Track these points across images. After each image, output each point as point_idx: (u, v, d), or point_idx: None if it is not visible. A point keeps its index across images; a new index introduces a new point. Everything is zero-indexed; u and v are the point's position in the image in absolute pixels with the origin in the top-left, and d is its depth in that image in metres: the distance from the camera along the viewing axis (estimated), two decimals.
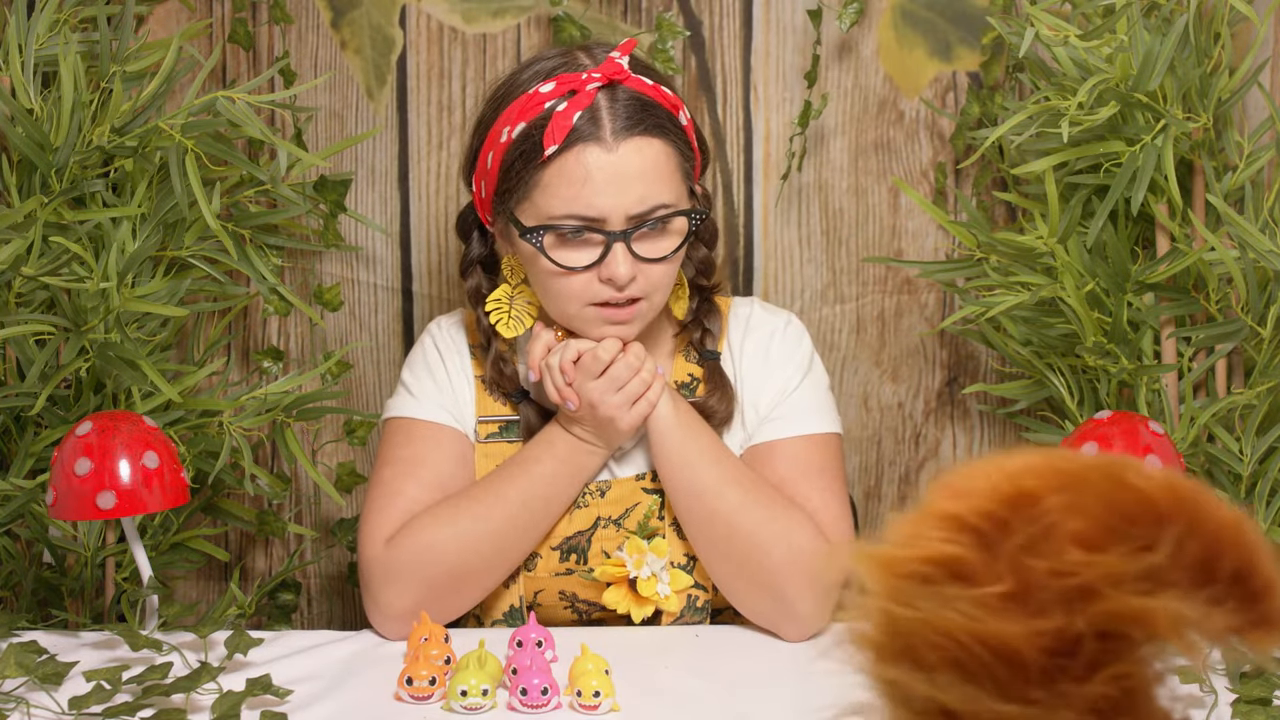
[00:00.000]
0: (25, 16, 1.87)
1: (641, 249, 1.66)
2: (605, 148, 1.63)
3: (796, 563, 1.66)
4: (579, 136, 1.63)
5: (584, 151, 1.63)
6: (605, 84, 1.65)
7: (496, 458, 1.76)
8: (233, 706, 1.44)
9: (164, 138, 1.85)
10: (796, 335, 1.82)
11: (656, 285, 1.69)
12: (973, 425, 2.19)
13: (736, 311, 1.84)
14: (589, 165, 1.63)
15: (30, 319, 1.83)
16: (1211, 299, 1.89)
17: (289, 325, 2.16)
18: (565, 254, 1.66)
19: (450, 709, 1.48)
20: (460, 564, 1.68)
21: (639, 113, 1.65)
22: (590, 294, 1.67)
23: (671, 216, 1.67)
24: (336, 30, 2.11)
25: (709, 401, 1.77)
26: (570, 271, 1.66)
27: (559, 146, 1.63)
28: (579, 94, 1.64)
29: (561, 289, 1.67)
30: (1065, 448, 1.72)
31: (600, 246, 1.65)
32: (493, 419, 1.79)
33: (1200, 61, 1.84)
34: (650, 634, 1.69)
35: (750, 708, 1.49)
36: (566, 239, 1.66)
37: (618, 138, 1.64)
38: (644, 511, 1.74)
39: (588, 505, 1.76)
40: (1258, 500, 1.86)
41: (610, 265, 1.64)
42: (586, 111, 1.64)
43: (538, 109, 1.66)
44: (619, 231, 1.64)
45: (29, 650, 1.53)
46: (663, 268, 1.68)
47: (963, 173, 2.13)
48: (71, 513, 1.67)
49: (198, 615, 1.81)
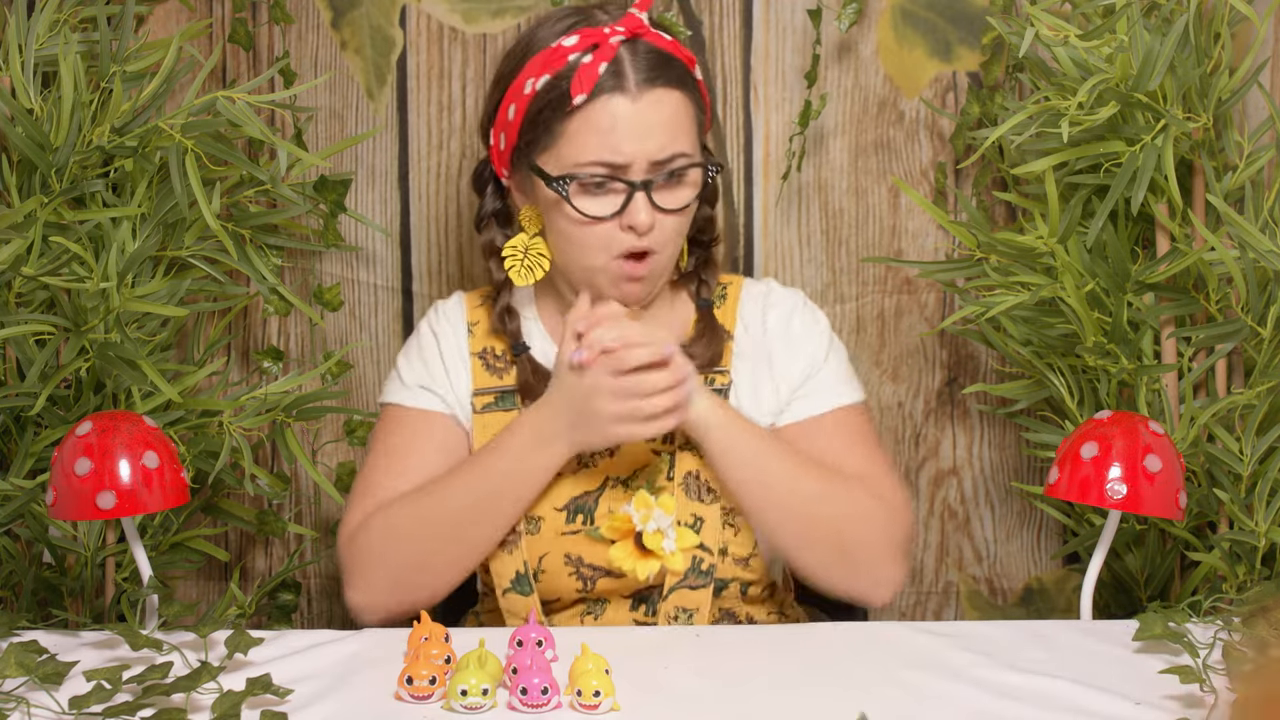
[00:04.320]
0: (25, 16, 1.87)
1: (660, 199, 1.71)
2: (630, 97, 1.69)
3: (873, 534, 1.73)
4: (605, 87, 1.69)
5: (610, 101, 1.69)
6: (628, 38, 1.71)
7: (494, 427, 1.79)
8: (233, 706, 1.44)
9: (164, 138, 1.85)
10: (814, 310, 1.87)
11: (669, 238, 1.74)
12: (973, 425, 2.19)
13: (751, 289, 1.87)
14: (615, 114, 1.69)
15: (30, 319, 1.83)
16: (1211, 299, 1.89)
17: (289, 325, 2.16)
18: (588, 203, 1.71)
19: (450, 709, 1.48)
20: (420, 549, 1.72)
21: (660, 65, 1.71)
22: (613, 245, 1.72)
23: (689, 168, 1.72)
24: (336, 30, 2.11)
25: (694, 347, 1.80)
26: (594, 220, 1.71)
27: (586, 96, 1.68)
28: (602, 46, 1.70)
29: (584, 238, 1.72)
30: None
31: (622, 196, 1.70)
32: (489, 390, 1.81)
33: (1200, 61, 1.84)
34: (650, 634, 1.69)
35: (750, 708, 1.49)
36: (590, 189, 1.70)
37: (641, 88, 1.69)
38: (653, 472, 1.75)
39: (596, 465, 1.77)
40: (1258, 500, 1.85)
41: (632, 213, 1.70)
42: (611, 64, 1.69)
43: (562, 61, 1.71)
44: (640, 181, 1.69)
45: (29, 650, 1.53)
46: (677, 220, 1.73)
47: (963, 173, 2.13)
48: (71, 513, 1.67)
49: (198, 615, 1.81)
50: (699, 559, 1.75)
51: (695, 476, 1.76)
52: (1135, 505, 1.70)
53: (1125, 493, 1.69)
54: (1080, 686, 1.51)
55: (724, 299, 1.86)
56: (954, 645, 1.62)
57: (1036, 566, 2.22)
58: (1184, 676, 1.46)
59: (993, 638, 1.65)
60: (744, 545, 1.77)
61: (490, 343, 1.84)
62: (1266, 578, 1.87)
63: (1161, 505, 1.71)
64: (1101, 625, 1.72)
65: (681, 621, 1.75)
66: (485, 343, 1.84)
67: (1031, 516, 2.21)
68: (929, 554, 2.22)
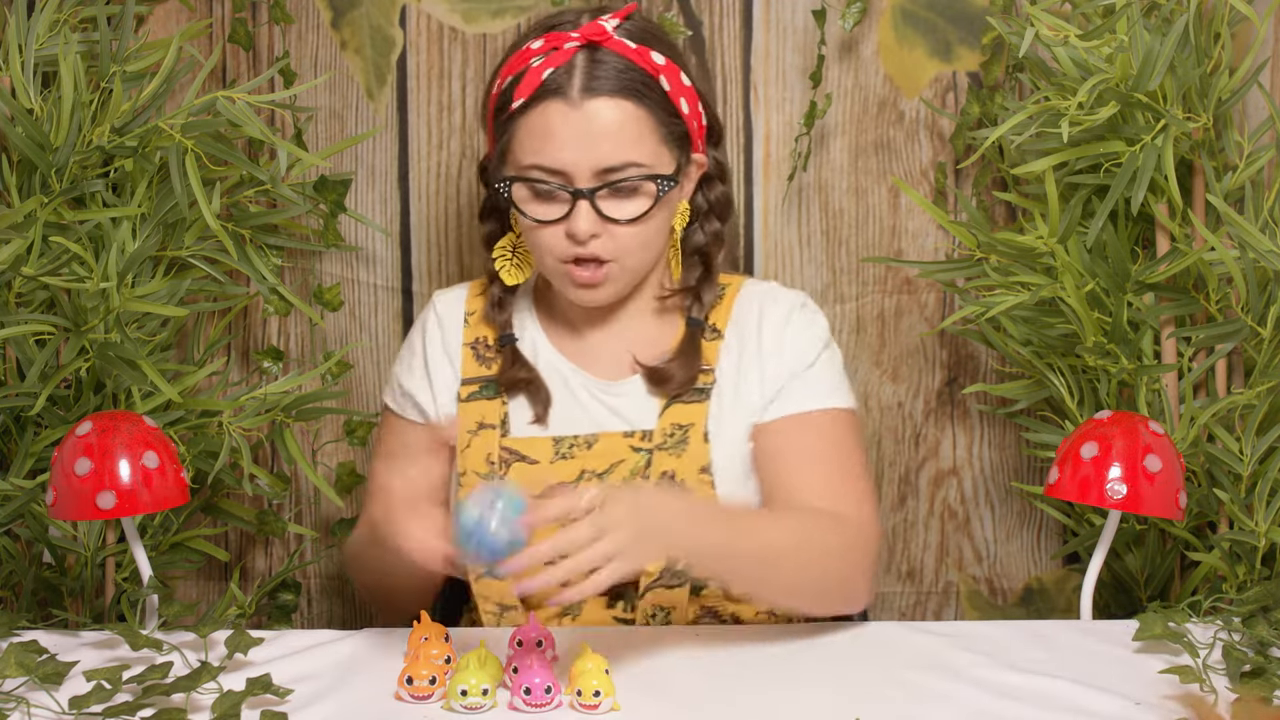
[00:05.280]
0: (25, 16, 1.87)
1: (609, 208, 1.69)
2: (570, 104, 1.67)
3: (844, 569, 1.69)
4: (545, 92, 1.68)
5: (548, 107, 1.68)
6: (585, 44, 1.69)
7: (476, 414, 1.79)
8: (233, 706, 1.44)
9: (164, 138, 1.85)
10: (815, 312, 1.84)
11: (626, 248, 1.71)
12: (973, 425, 2.19)
13: (751, 288, 1.85)
14: (550, 119, 1.67)
15: (30, 319, 1.83)
16: (1211, 299, 1.89)
17: (289, 325, 2.16)
18: (535, 207, 1.71)
19: (450, 709, 1.48)
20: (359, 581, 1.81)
21: (612, 75, 1.69)
22: (560, 249, 1.71)
23: (641, 179, 1.69)
24: (336, 30, 2.11)
25: (670, 365, 1.78)
26: (538, 225, 1.71)
27: (525, 101, 1.69)
28: (558, 51, 1.69)
29: (537, 240, 1.73)
30: None
31: (568, 204, 1.69)
32: (475, 380, 1.82)
33: (1200, 61, 1.84)
34: (650, 634, 1.69)
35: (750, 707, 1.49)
36: (538, 193, 1.70)
37: (584, 95, 1.67)
38: (629, 468, 1.74)
39: (574, 457, 1.76)
40: (1258, 500, 1.85)
41: (573, 221, 1.69)
42: (561, 69, 1.68)
43: (522, 64, 1.71)
44: (585, 189, 1.68)
45: (29, 650, 1.53)
46: (632, 230, 1.70)
47: (963, 173, 2.13)
48: (71, 513, 1.67)
49: (198, 615, 1.81)
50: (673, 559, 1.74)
51: (671, 476, 1.74)
52: (1135, 505, 1.70)
53: (1125, 493, 1.69)
54: (1080, 686, 1.51)
55: (720, 298, 1.83)
56: (954, 645, 1.62)
57: (1036, 566, 2.22)
58: (1184, 676, 1.46)
59: (993, 638, 1.65)
60: None
61: (483, 331, 1.84)
62: (1266, 578, 1.87)
63: (1161, 505, 1.71)
64: (1101, 625, 1.72)
65: (659, 620, 1.74)
66: (479, 332, 1.84)
67: (1031, 516, 2.21)
68: (929, 554, 2.22)
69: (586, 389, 1.80)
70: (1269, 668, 1.50)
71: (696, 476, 1.74)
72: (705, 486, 1.74)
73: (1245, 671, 1.50)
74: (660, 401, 1.78)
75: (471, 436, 1.78)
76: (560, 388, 1.80)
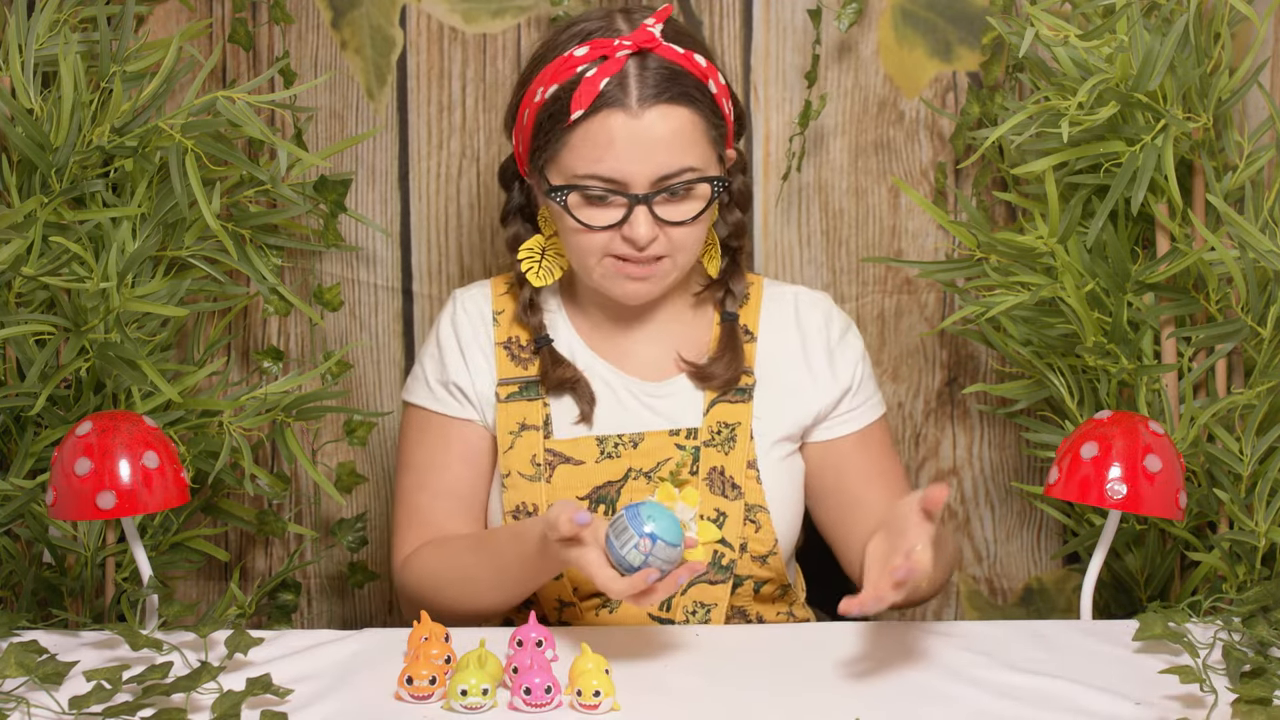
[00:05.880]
0: (25, 16, 1.87)
1: (664, 212, 1.70)
2: (630, 114, 1.67)
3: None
4: (605, 102, 1.67)
5: (610, 117, 1.67)
6: (636, 51, 1.69)
7: (517, 415, 1.79)
8: (233, 706, 1.44)
9: (164, 138, 1.85)
10: (848, 322, 1.87)
11: (680, 246, 1.73)
12: (973, 425, 2.19)
13: (774, 289, 1.87)
14: (613, 130, 1.67)
15: (30, 319, 1.83)
16: (1211, 299, 1.89)
17: (289, 325, 2.16)
18: (589, 213, 1.70)
19: (450, 709, 1.48)
20: (452, 603, 1.74)
21: (666, 81, 1.69)
22: (611, 248, 1.71)
23: (696, 182, 1.70)
24: (336, 30, 2.11)
25: (714, 366, 1.79)
26: (593, 230, 1.70)
27: (585, 111, 1.67)
28: (609, 60, 1.68)
29: (584, 243, 1.72)
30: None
31: (623, 209, 1.69)
32: (513, 380, 1.81)
33: (1200, 61, 1.84)
34: (650, 633, 1.69)
35: (750, 708, 1.49)
36: (591, 200, 1.70)
37: (643, 105, 1.67)
38: (676, 465, 1.75)
39: (619, 456, 1.78)
40: (1258, 500, 1.85)
41: (632, 226, 1.69)
42: (615, 78, 1.68)
43: (569, 72, 1.70)
44: (641, 195, 1.68)
45: (29, 650, 1.53)
46: (686, 230, 1.72)
47: (963, 173, 2.13)
48: (71, 513, 1.67)
49: (198, 615, 1.81)
50: (720, 554, 1.75)
51: (720, 472, 1.76)
52: (1135, 505, 1.70)
53: (1125, 493, 1.69)
54: (1080, 686, 1.51)
55: (746, 299, 1.85)
56: (954, 645, 1.62)
57: (1036, 566, 2.22)
58: (1184, 676, 1.46)
59: (993, 638, 1.65)
60: (764, 543, 1.77)
61: (515, 332, 1.83)
62: (1266, 578, 1.87)
63: (1161, 505, 1.71)
64: (1101, 625, 1.72)
65: (699, 617, 1.75)
66: (511, 332, 1.83)
67: (1031, 516, 2.21)
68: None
69: (628, 389, 1.81)
70: (1269, 668, 1.49)
71: (744, 473, 1.77)
72: (752, 482, 1.78)
73: (1245, 671, 1.50)
74: (703, 399, 1.79)
75: (514, 438, 1.79)
76: (602, 388, 1.81)
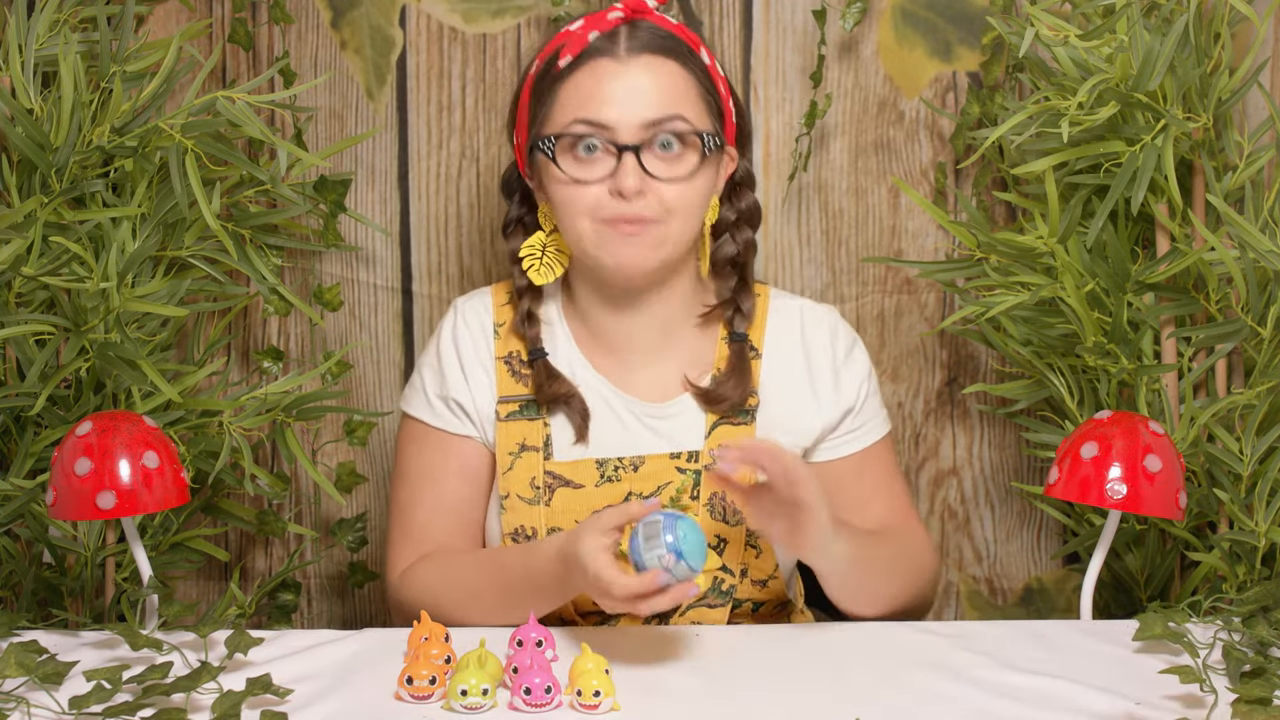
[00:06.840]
0: (25, 16, 1.87)
1: (654, 167, 1.69)
2: (617, 60, 1.70)
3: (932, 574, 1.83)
4: (593, 52, 1.70)
5: (597, 65, 1.70)
6: (628, 17, 1.72)
7: (517, 435, 1.77)
8: (233, 706, 1.44)
9: (164, 138, 1.85)
10: (851, 331, 1.86)
11: (673, 209, 1.70)
12: (973, 425, 2.19)
13: (780, 303, 1.85)
14: (600, 75, 1.69)
15: (30, 319, 1.83)
16: (1211, 299, 1.89)
17: (289, 325, 2.16)
18: (578, 168, 1.70)
19: (450, 709, 1.48)
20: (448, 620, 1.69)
21: (657, 38, 1.71)
22: (602, 208, 1.69)
23: (686, 133, 1.70)
24: (336, 30, 2.11)
25: (722, 388, 1.77)
26: (581, 183, 1.69)
27: (573, 59, 1.70)
28: (601, 22, 1.72)
29: (574, 201, 1.70)
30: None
31: (613, 159, 1.68)
32: (513, 398, 1.80)
33: (1200, 61, 1.84)
34: (650, 634, 1.69)
35: (749, 708, 1.49)
36: (579, 155, 1.70)
37: (631, 53, 1.70)
38: (675, 489, 1.74)
39: (619, 480, 1.76)
40: (1258, 500, 1.85)
41: (620, 176, 1.68)
42: (605, 33, 1.71)
43: (563, 38, 1.73)
44: (630, 145, 1.68)
45: (29, 650, 1.53)
46: (677, 189, 1.70)
47: (963, 173, 2.13)
48: (71, 513, 1.67)
49: (198, 615, 1.81)
50: (719, 579, 1.74)
51: (721, 498, 1.74)
52: (1135, 505, 1.70)
53: (1125, 493, 1.69)
54: (1080, 686, 1.51)
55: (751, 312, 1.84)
56: (954, 645, 1.62)
57: (1036, 566, 2.22)
58: (1184, 676, 1.46)
59: (993, 638, 1.65)
60: (764, 568, 1.77)
61: (515, 346, 1.82)
62: (1266, 578, 1.87)
63: (1161, 505, 1.71)
64: (1101, 625, 1.72)
65: None
66: (511, 346, 1.82)
67: (1031, 516, 2.21)
68: None
69: (629, 409, 1.79)
70: (1269, 668, 1.50)
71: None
72: None
73: (1245, 671, 1.50)
74: (705, 420, 1.78)
75: (513, 459, 1.77)
76: (602, 409, 1.78)
